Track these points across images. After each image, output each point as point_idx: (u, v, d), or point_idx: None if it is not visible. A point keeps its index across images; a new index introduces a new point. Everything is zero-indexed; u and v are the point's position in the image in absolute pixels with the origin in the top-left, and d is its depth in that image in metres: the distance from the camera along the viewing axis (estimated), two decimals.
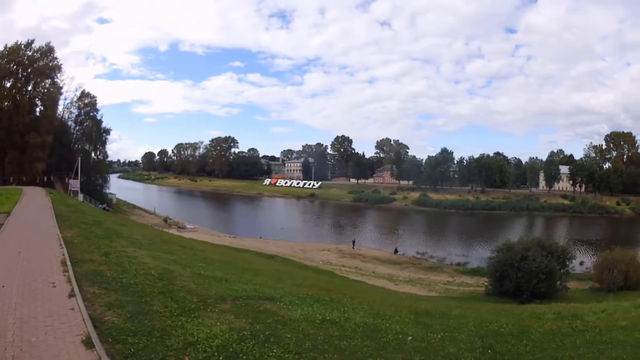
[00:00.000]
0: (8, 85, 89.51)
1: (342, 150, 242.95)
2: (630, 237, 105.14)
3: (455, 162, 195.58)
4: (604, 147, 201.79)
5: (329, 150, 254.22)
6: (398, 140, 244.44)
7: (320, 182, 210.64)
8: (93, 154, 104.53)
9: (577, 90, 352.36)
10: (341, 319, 13.68)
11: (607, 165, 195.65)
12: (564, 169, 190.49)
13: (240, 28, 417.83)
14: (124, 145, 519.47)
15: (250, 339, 10.02)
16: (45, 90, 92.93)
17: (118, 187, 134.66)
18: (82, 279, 13.67)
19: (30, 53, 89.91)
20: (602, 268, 47.30)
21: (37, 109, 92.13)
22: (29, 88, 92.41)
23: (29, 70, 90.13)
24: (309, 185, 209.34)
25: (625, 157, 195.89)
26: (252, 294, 15.24)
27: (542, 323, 17.41)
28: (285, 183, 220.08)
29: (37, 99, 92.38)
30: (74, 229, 25.56)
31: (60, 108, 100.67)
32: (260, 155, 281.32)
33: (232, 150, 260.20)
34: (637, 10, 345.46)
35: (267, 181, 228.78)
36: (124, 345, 8.83)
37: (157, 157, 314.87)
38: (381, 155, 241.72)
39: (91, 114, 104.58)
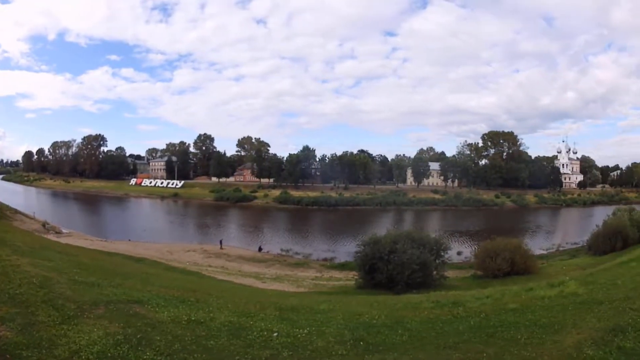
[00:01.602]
0: None
1: (204, 148, 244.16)
2: (511, 227, 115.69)
3: (318, 159, 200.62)
4: (481, 144, 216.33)
5: (191, 149, 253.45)
6: (259, 138, 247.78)
7: (183, 182, 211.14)
8: None
9: (454, 92, 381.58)
10: (206, 318, 14.13)
11: (483, 161, 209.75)
12: (434, 166, 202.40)
13: (124, 19, 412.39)
14: (6, 144, 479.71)
15: (124, 343, 10.55)
16: None
17: (1, 190, 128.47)
18: None
19: None
20: (484, 256, 49.84)
21: None
22: None
23: None
24: (173, 184, 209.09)
25: (505, 154, 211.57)
26: (122, 297, 15.44)
27: (419, 312, 17.81)
28: (150, 183, 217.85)
29: None
30: None
31: None
32: (127, 154, 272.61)
33: (102, 149, 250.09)
34: (536, 23, 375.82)
35: (133, 181, 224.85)
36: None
37: (36, 157, 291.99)
38: (242, 154, 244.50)
39: None
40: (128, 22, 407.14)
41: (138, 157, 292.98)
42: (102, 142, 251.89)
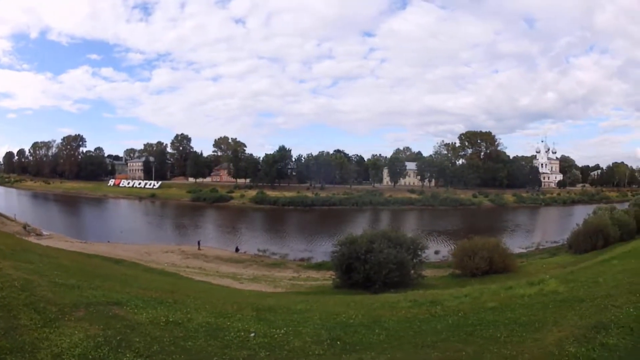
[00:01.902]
0: None
1: (181, 148, 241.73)
2: (490, 226, 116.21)
3: (294, 159, 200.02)
4: (458, 144, 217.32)
5: (168, 149, 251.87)
6: (236, 139, 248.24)
7: (160, 182, 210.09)
8: None
9: (433, 93, 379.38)
10: (184, 319, 14.05)
11: (460, 161, 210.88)
12: (411, 165, 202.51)
13: (105, 18, 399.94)
14: None
15: (104, 345, 10.59)
16: None
17: None
18: None
19: None
20: (462, 255, 49.97)
21: None
22: None
23: None
24: (150, 185, 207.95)
25: (482, 154, 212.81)
26: (101, 299, 15.35)
27: (397, 311, 17.72)
28: (128, 183, 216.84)
29: None
30: None
31: None
32: (106, 155, 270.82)
33: (81, 149, 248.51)
34: (517, 24, 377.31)
35: (111, 182, 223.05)
36: None
37: (16, 158, 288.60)
38: (219, 154, 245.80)
39: None
40: (109, 20, 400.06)
41: (116, 157, 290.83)
42: (81, 143, 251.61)
